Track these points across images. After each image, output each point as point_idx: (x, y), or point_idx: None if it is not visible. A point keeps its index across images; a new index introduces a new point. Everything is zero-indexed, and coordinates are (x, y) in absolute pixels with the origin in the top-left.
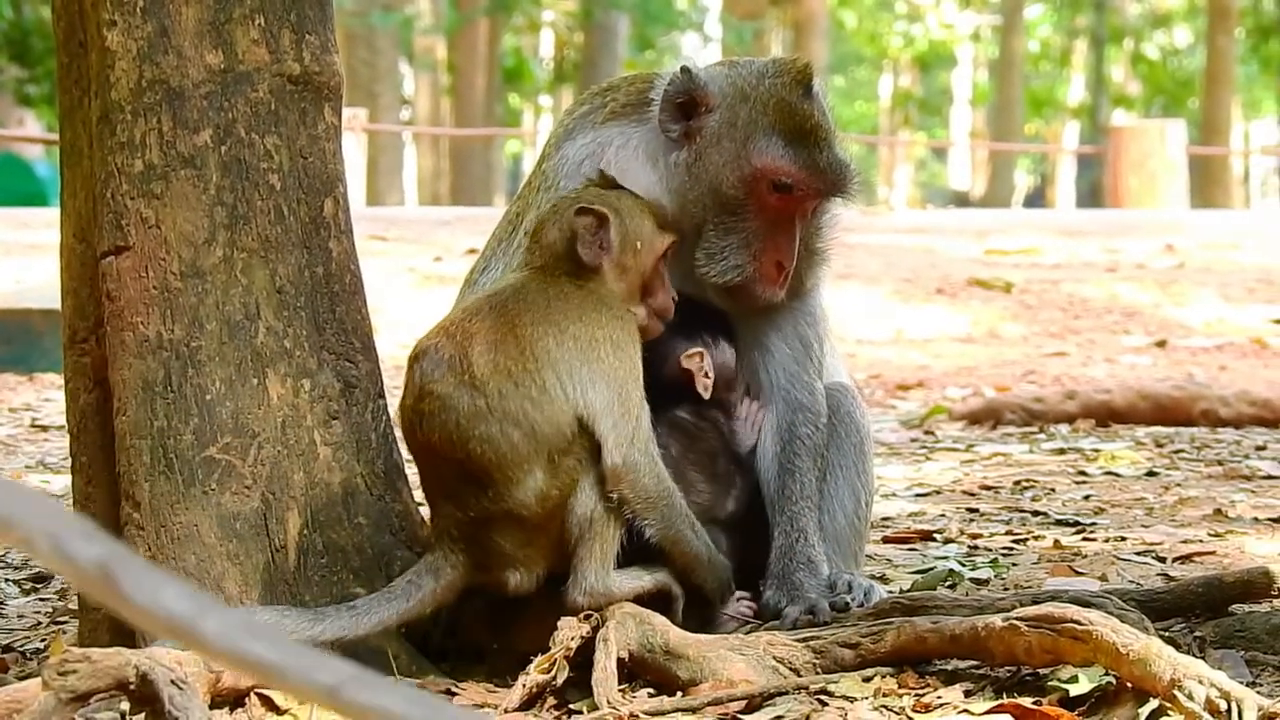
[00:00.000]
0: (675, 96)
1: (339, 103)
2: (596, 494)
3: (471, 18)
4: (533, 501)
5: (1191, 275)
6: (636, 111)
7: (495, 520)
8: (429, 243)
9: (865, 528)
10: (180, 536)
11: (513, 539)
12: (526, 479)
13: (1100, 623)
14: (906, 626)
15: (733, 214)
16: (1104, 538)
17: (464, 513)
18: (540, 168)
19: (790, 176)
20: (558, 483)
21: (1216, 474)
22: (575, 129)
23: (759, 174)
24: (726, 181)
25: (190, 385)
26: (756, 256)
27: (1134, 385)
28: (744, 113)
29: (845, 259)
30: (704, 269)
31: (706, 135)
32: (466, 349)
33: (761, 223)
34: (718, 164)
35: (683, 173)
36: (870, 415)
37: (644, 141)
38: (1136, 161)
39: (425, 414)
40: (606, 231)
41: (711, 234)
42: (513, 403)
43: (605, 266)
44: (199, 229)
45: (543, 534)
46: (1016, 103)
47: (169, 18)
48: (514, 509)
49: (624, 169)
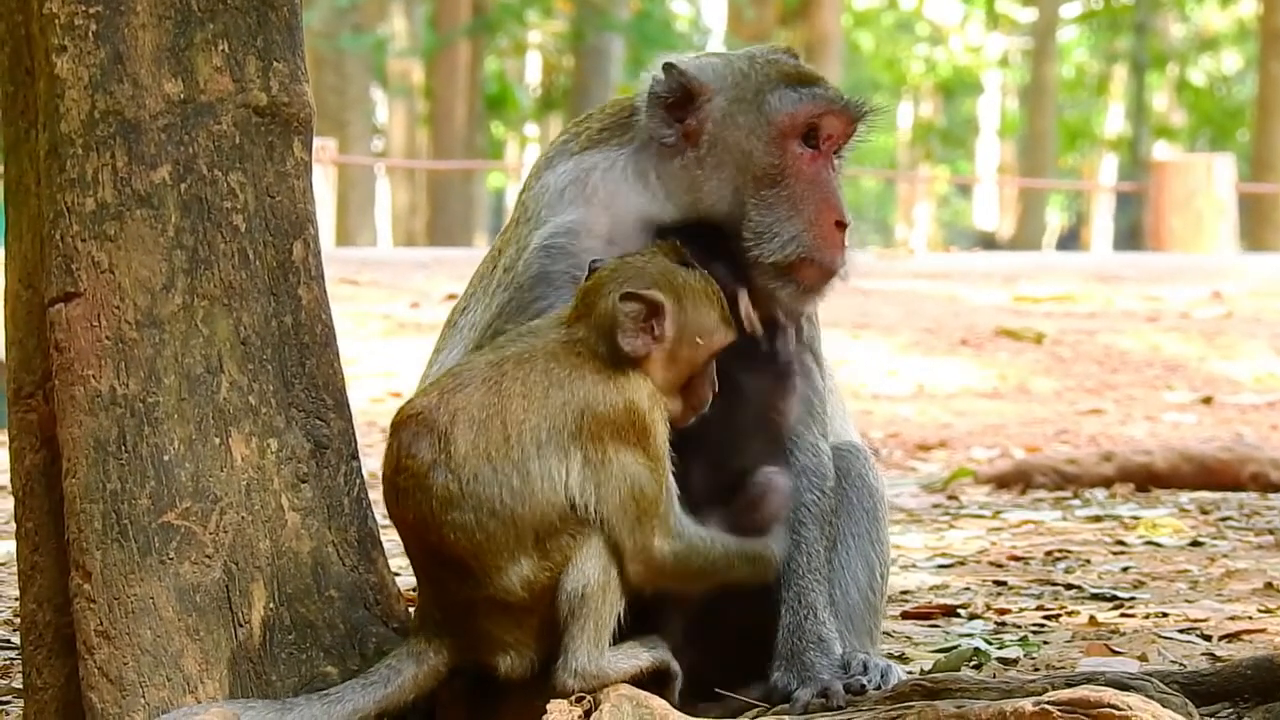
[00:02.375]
0: (667, 96)
1: (309, 136)
2: (592, 569)
3: (451, 39)
4: (518, 588)
5: (1240, 325)
6: (618, 134)
7: (479, 605)
8: (404, 287)
9: (881, 602)
10: (135, 610)
11: (500, 624)
12: (510, 567)
13: (1140, 708)
14: (928, 710)
15: (771, 185)
16: (1144, 614)
17: (446, 596)
18: (520, 199)
19: (814, 118)
20: (548, 564)
21: (1267, 544)
22: (555, 158)
23: (785, 130)
24: (756, 151)
25: (146, 445)
26: (810, 223)
27: (1177, 446)
28: (749, 85)
29: (861, 307)
30: (757, 251)
31: (715, 120)
32: (449, 423)
33: (801, 185)
34: (739, 139)
35: (691, 173)
36: (887, 478)
37: (630, 162)
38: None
39: (401, 490)
40: (661, 320)
41: (754, 214)
42: (488, 489)
43: (654, 356)
44: (156, 274)
45: (534, 616)
46: (1049, 134)
47: (124, 43)
48: (498, 595)
49: (613, 193)
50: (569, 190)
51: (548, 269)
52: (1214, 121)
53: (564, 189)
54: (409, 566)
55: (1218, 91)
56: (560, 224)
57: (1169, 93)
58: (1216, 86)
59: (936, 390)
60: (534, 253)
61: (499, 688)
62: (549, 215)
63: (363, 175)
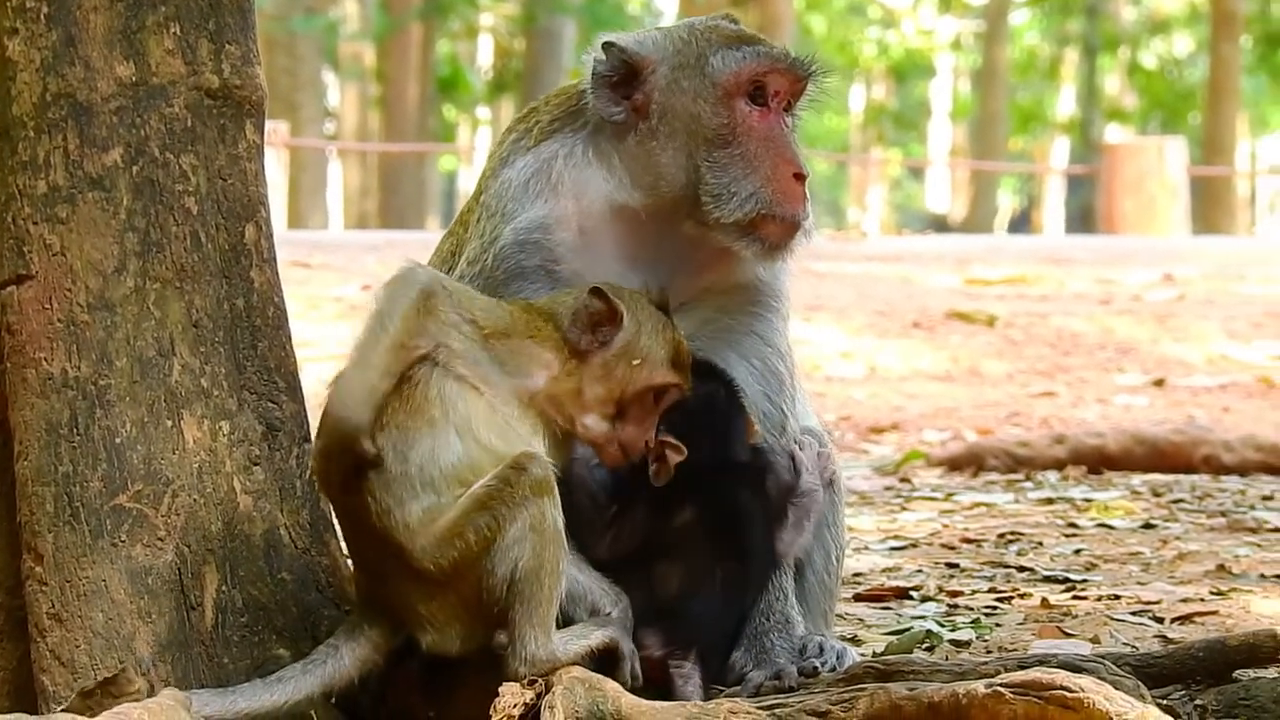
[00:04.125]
0: (611, 74)
1: (261, 119)
2: (520, 552)
3: (403, 22)
4: (425, 558)
5: (1192, 308)
6: (570, 122)
7: (392, 579)
8: (357, 270)
9: (836, 585)
10: (87, 593)
11: (418, 598)
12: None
13: (1092, 690)
14: (880, 693)
15: (723, 145)
16: (1096, 596)
17: (370, 570)
18: (478, 200)
19: (759, 75)
20: (460, 541)
21: (1219, 526)
22: (510, 155)
23: (730, 89)
24: (704, 114)
25: (98, 427)
26: (768, 179)
27: (1129, 428)
28: (690, 51)
29: (814, 289)
30: (718, 212)
31: (661, 89)
32: None
33: (754, 142)
34: (687, 104)
35: (645, 147)
36: (840, 461)
37: (589, 145)
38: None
39: (322, 451)
40: (614, 330)
41: (710, 176)
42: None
43: (594, 361)
44: (108, 257)
45: (450, 592)
46: (1001, 117)
47: (76, 26)
48: (408, 562)
49: (577, 180)
50: (533, 183)
51: (523, 264)
52: (1166, 104)
53: (527, 182)
54: None
55: (1169, 74)
56: (532, 218)
57: (1120, 75)
58: (1168, 69)
59: (889, 373)
60: (508, 248)
61: (453, 673)
62: (516, 209)
63: (315, 158)
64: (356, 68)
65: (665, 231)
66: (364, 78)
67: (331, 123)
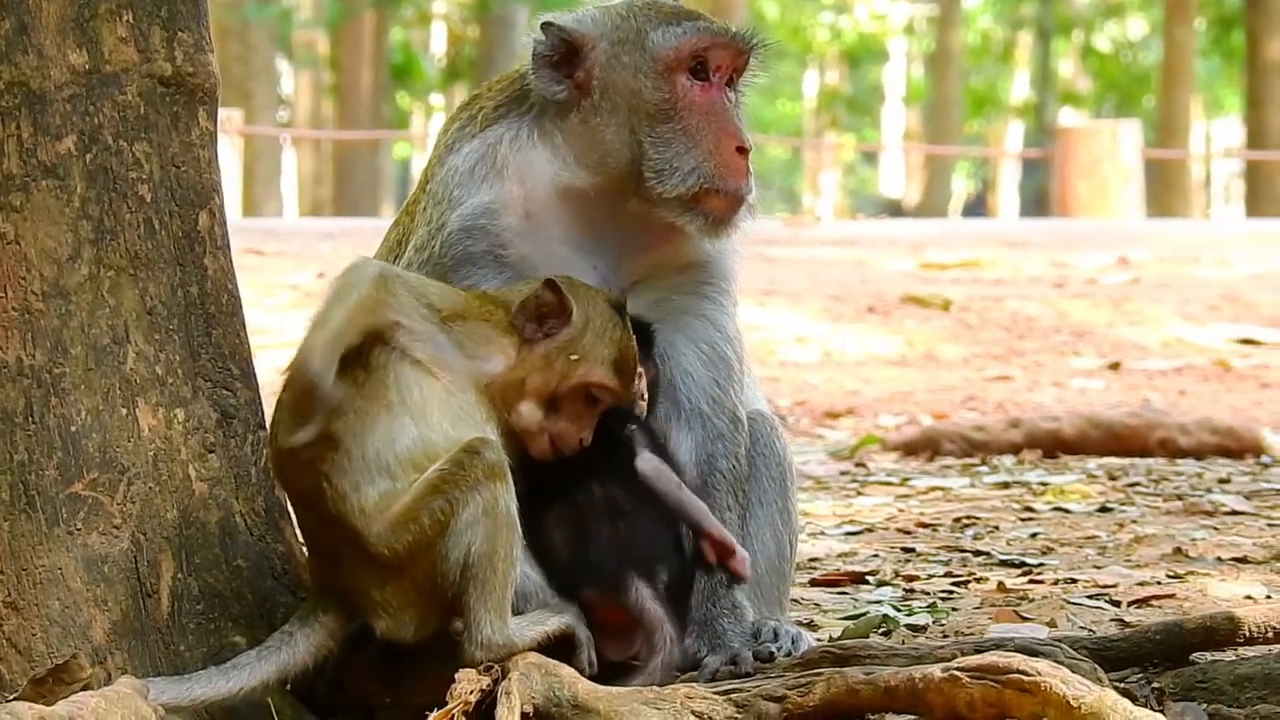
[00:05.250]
0: (551, 54)
1: (214, 106)
2: (474, 536)
3: (356, 10)
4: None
5: (1147, 291)
6: (514, 106)
7: (347, 561)
8: (311, 257)
9: (789, 570)
10: (42, 580)
11: (370, 583)
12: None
13: (1049, 673)
14: (837, 678)
15: (665, 120)
16: (1052, 580)
17: (324, 554)
18: (424, 189)
19: (699, 50)
20: (414, 525)
21: (1175, 509)
22: (455, 142)
23: (670, 64)
24: (645, 89)
25: (53, 415)
26: (709, 153)
27: (1085, 412)
28: (630, 27)
29: (768, 274)
30: (660, 188)
31: (601, 65)
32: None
33: (695, 117)
34: (627, 79)
35: (589, 124)
36: (795, 446)
37: (534, 128)
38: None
39: (274, 425)
40: (562, 323)
41: (652, 151)
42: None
43: (536, 351)
44: (62, 245)
45: (404, 578)
46: (954, 101)
47: (28, 13)
48: (363, 547)
49: (522, 163)
50: (478, 168)
51: (470, 250)
52: (1120, 87)
53: (473, 168)
54: None
55: (1123, 58)
56: (478, 204)
57: (1074, 59)
58: (1122, 53)
59: (844, 357)
60: (455, 234)
61: (410, 659)
62: (462, 195)
63: (268, 146)
64: (310, 55)
65: (612, 211)
66: (317, 65)
67: (285, 110)
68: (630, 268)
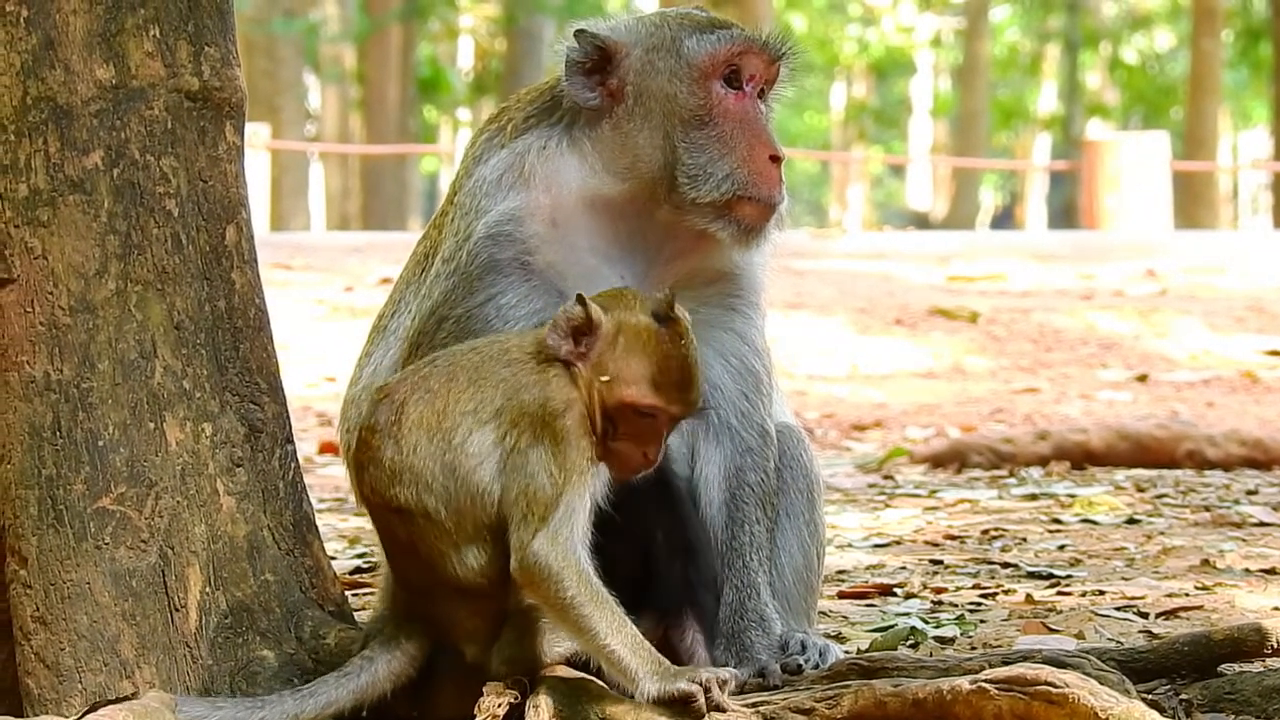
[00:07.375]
0: (584, 60)
1: (241, 121)
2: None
3: (383, 24)
4: (466, 574)
5: (1175, 303)
6: (544, 117)
7: (437, 591)
8: (339, 271)
9: (817, 582)
10: (71, 595)
11: (460, 611)
12: (452, 552)
13: (1077, 685)
14: (865, 690)
15: (699, 126)
16: (1080, 592)
17: (409, 580)
18: (452, 200)
19: (733, 57)
20: (492, 551)
21: (1204, 521)
22: (483, 153)
23: (706, 71)
24: (680, 94)
25: (81, 430)
26: (743, 160)
27: (1112, 424)
28: (664, 34)
29: (795, 287)
30: (694, 193)
31: (636, 71)
32: (408, 394)
33: (729, 124)
34: (662, 84)
35: (621, 130)
36: (822, 458)
37: (564, 136)
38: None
39: (359, 464)
40: (592, 339)
41: (686, 157)
42: (423, 462)
43: (579, 370)
44: (89, 259)
45: (492, 603)
46: (982, 114)
47: (55, 29)
48: (450, 581)
49: (550, 172)
50: (505, 177)
51: (496, 257)
52: (1147, 99)
53: (500, 177)
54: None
55: (1150, 69)
56: (504, 211)
57: (1102, 71)
58: (1149, 64)
59: (871, 370)
60: (480, 242)
61: (435, 673)
62: (489, 204)
63: (296, 160)
64: (337, 70)
65: (640, 220)
66: (345, 80)
67: (312, 125)
68: (658, 277)
